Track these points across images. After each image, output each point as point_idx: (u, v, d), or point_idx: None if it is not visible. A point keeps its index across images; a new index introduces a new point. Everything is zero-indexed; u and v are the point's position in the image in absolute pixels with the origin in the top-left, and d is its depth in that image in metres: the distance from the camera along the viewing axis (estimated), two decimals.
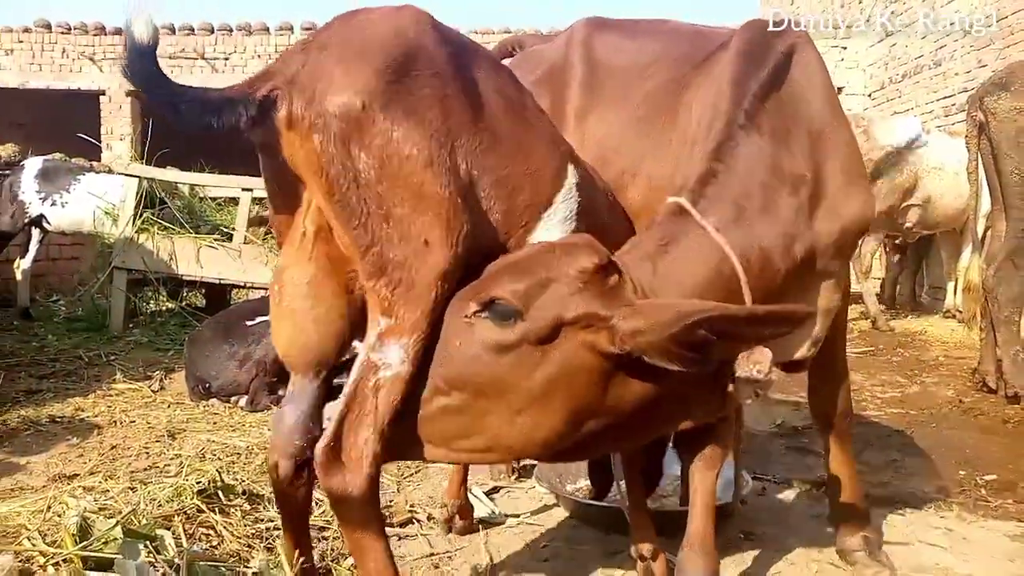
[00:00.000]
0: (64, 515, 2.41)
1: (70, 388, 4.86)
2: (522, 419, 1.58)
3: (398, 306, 1.53)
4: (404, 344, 1.53)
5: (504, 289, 1.56)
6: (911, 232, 8.00)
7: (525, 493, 3.18)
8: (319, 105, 1.49)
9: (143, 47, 1.43)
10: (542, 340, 1.55)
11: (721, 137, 1.90)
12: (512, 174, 1.72)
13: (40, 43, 13.16)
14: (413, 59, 1.56)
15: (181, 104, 1.47)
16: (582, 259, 1.58)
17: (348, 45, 1.56)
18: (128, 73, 1.43)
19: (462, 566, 2.48)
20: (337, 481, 1.55)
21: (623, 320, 1.53)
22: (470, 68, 1.70)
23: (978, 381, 5.03)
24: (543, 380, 1.56)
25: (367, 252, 1.53)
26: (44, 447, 3.64)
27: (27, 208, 7.58)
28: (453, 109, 1.59)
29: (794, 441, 3.93)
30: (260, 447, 3.45)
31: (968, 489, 3.20)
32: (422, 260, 1.53)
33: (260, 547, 2.41)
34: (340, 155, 1.50)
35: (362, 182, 1.50)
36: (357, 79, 1.50)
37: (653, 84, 2.30)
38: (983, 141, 4.68)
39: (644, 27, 2.61)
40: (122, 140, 12.88)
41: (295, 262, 1.70)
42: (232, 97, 1.50)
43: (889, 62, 11.20)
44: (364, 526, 1.61)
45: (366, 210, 1.51)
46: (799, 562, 2.53)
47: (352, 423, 1.55)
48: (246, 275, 6.91)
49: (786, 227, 1.88)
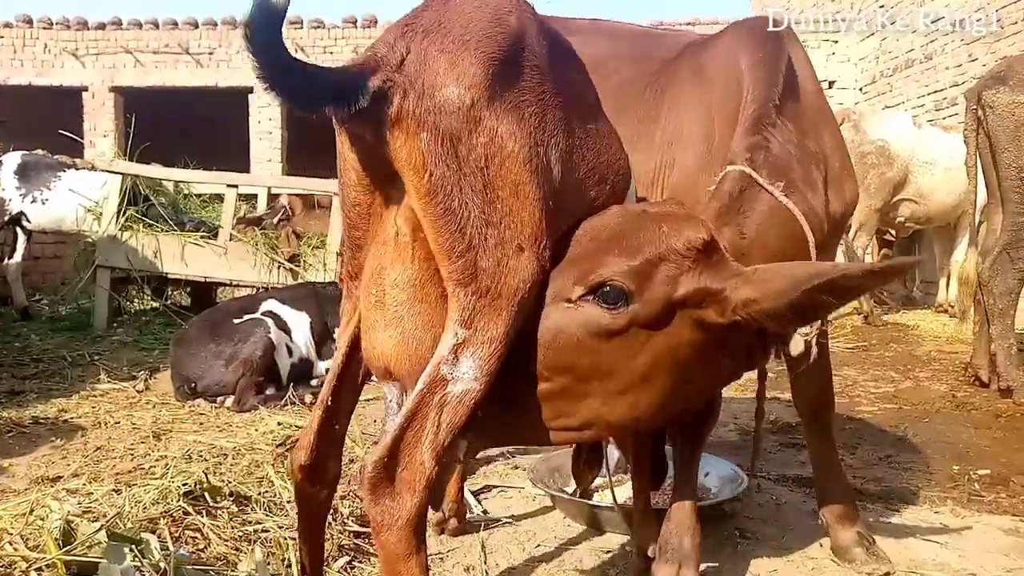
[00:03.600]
0: (47, 518, 2.36)
1: (53, 389, 4.80)
2: (623, 398, 1.54)
3: (480, 317, 1.42)
4: (479, 358, 1.41)
5: (614, 271, 1.50)
6: (903, 227, 8.02)
7: (518, 493, 3.15)
8: (428, 100, 1.40)
9: (273, 9, 1.28)
10: (652, 323, 1.51)
11: (758, 117, 1.97)
12: (598, 167, 1.67)
13: (22, 38, 13.04)
14: (516, 50, 1.47)
15: (298, 82, 1.34)
16: (690, 233, 1.54)
17: (450, 32, 1.44)
18: (249, 35, 1.27)
19: (454, 567, 2.44)
20: (384, 504, 1.41)
21: (733, 291, 1.51)
22: (563, 62, 1.63)
23: (971, 375, 5.05)
24: (648, 361, 1.52)
25: (460, 257, 1.41)
26: (27, 449, 3.59)
27: (7, 206, 7.46)
28: (549, 105, 1.51)
29: (787, 438, 3.91)
30: (247, 448, 3.40)
31: (962, 484, 3.20)
32: (513, 267, 1.43)
33: (248, 550, 2.36)
34: (447, 154, 1.40)
35: (466, 184, 1.41)
36: (465, 72, 1.41)
37: (620, 79, 2.32)
38: (980, 135, 4.68)
39: (585, 25, 2.65)
40: (105, 136, 12.78)
41: (395, 263, 1.55)
42: (346, 83, 1.38)
43: (880, 56, 11.24)
44: (407, 558, 1.42)
45: (467, 213, 1.41)
46: (795, 559, 2.51)
47: (409, 441, 1.41)
48: (232, 273, 6.85)
49: (822, 197, 2.00)
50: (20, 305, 7.69)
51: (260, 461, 3.25)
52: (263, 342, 4.71)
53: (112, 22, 13.09)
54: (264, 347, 4.70)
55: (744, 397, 4.62)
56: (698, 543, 2.14)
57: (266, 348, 4.71)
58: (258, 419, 4.14)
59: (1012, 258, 4.56)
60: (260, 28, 1.27)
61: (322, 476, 1.80)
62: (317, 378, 5.00)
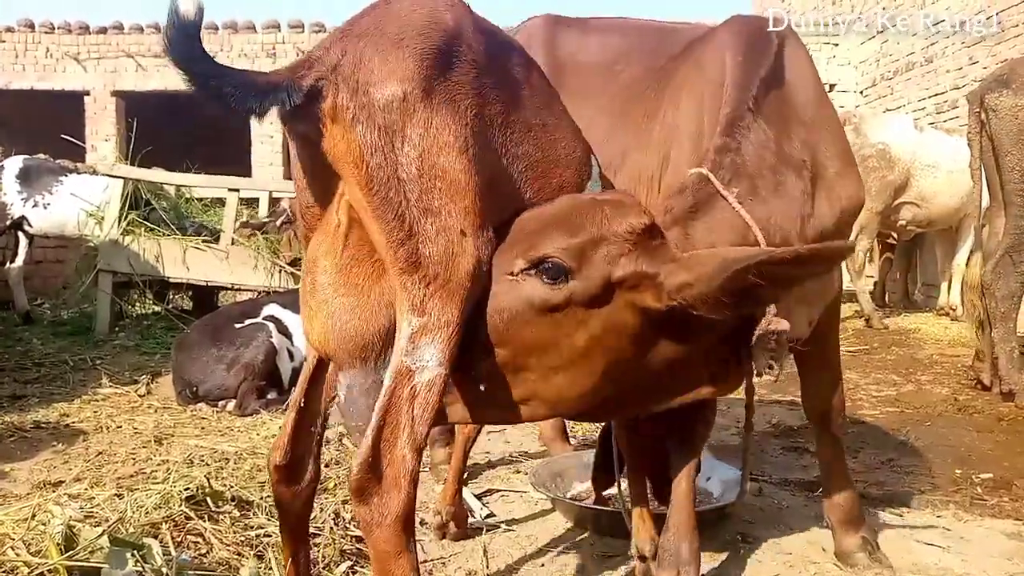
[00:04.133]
0: (49, 524, 2.36)
1: (55, 393, 4.80)
2: (559, 377, 1.57)
3: (432, 302, 1.45)
4: (439, 342, 1.44)
5: (555, 247, 1.53)
6: (905, 230, 8.01)
7: (520, 497, 3.14)
8: (363, 96, 1.45)
9: (187, 23, 1.35)
10: (589, 301, 1.54)
11: (731, 119, 1.94)
12: (543, 160, 1.70)
13: (23, 43, 13.07)
14: (451, 47, 1.52)
15: (225, 86, 1.40)
16: (632, 218, 1.57)
17: (386, 33, 1.50)
18: (169, 50, 1.35)
19: (456, 572, 2.44)
20: (372, 504, 1.43)
21: (669, 276, 1.53)
22: (503, 58, 1.67)
23: (973, 379, 5.04)
24: (585, 339, 1.55)
25: (401, 247, 1.46)
26: (28, 453, 3.59)
27: (9, 210, 7.46)
28: (488, 99, 1.56)
29: (790, 441, 3.91)
30: (249, 452, 3.39)
31: (964, 488, 3.18)
32: (458, 252, 1.47)
33: (250, 555, 2.36)
34: (382, 146, 1.45)
35: (402, 173, 1.45)
36: (398, 68, 1.46)
37: (627, 77, 2.33)
38: (983, 138, 4.67)
39: (603, 23, 2.67)
40: (107, 141, 12.81)
41: (327, 252, 1.61)
42: (277, 83, 1.44)
43: (881, 59, 11.25)
44: (398, 556, 1.44)
45: (404, 203, 1.45)
46: (797, 564, 2.50)
47: (388, 439, 1.44)
48: (233, 277, 6.86)
49: (797, 207, 1.94)
50: (22, 309, 7.70)
51: (262, 466, 3.24)
52: (265, 346, 4.72)
53: (113, 26, 13.13)
54: (266, 351, 4.70)
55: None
56: (697, 548, 2.13)
57: (268, 352, 4.71)
58: (260, 423, 4.14)
59: (1015, 261, 4.55)
60: (178, 43, 1.35)
61: (298, 476, 1.84)
62: None
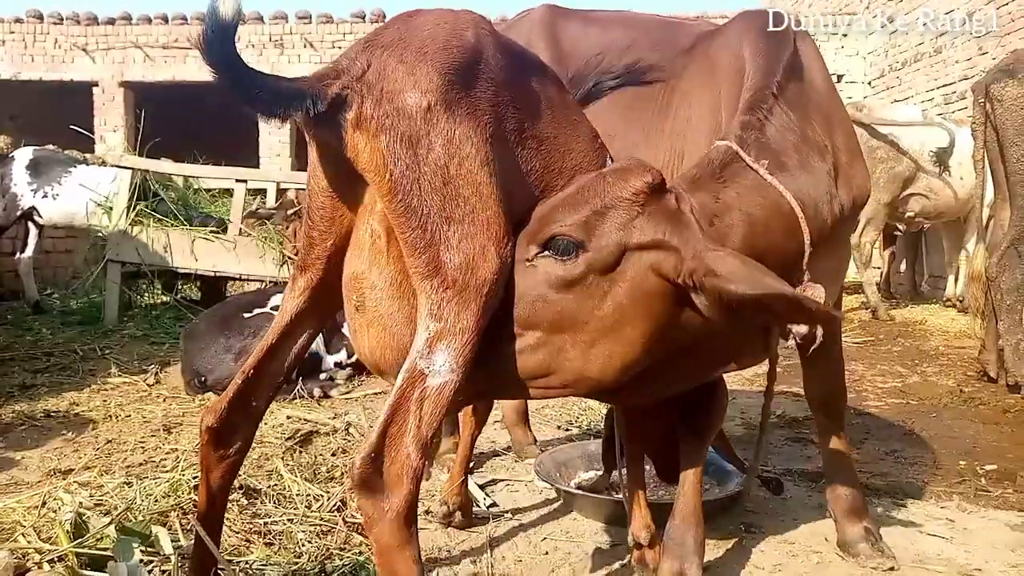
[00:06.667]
0: (59, 511, 2.40)
1: (65, 382, 4.83)
2: (597, 350, 1.59)
3: (449, 308, 1.49)
4: (453, 349, 1.47)
5: (562, 224, 1.57)
6: (913, 221, 7.97)
7: (525, 486, 3.16)
8: (387, 105, 1.50)
9: (224, 25, 1.38)
10: (608, 268, 1.57)
11: (754, 101, 1.97)
12: (557, 172, 1.75)
13: (32, 34, 13.08)
14: (472, 62, 1.58)
15: (254, 89, 1.44)
16: (633, 180, 1.60)
17: (410, 46, 1.56)
18: (205, 51, 1.37)
19: (462, 560, 2.46)
20: (375, 498, 1.46)
21: (693, 259, 1.55)
22: (521, 74, 1.72)
23: (979, 370, 5.03)
24: (613, 308, 1.57)
25: (423, 252, 1.50)
26: (39, 442, 3.62)
27: (19, 201, 7.51)
28: (506, 115, 1.62)
29: (794, 432, 3.92)
30: (256, 441, 3.41)
31: (969, 479, 3.19)
32: (479, 261, 1.51)
33: (259, 542, 2.39)
34: (405, 155, 1.49)
35: (425, 183, 1.50)
36: (422, 80, 1.51)
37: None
38: (988, 129, 4.65)
39: (605, 15, 2.68)
40: (115, 131, 12.82)
41: (371, 267, 1.65)
42: (303, 90, 1.48)
43: (889, 50, 11.18)
44: (399, 550, 1.47)
45: (427, 211, 1.50)
46: (800, 554, 2.51)
47: (394, 435, 1.47)
48: (241, 267, 6.88)
49: (825, 184, 1.97)
50: (32, 299, 7.75)
51: (269, 454, 3.28)
52: None
53: (122, 17, 13.14)
54: None
55: (752, 390, 4.63)
56: (702, 538, 2.15)
57: None
58: (267, 412, 4.16)
59: (1020, 253, 4.52)
60: (214, 44, 1.38)
61: (227, 443, 1.87)
62: (325, 372, 5.03)
